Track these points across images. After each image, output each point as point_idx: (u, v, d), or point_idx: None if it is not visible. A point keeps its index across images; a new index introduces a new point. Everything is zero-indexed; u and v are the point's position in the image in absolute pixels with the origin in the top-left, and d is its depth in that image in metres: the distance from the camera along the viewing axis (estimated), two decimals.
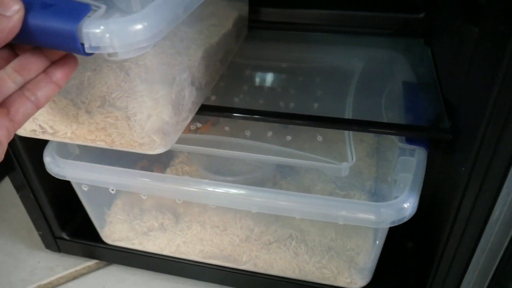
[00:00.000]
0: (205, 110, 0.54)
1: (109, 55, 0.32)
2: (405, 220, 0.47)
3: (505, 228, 0.38)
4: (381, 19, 0.73)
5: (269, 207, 0.50)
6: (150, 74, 0.41)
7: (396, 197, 0.48)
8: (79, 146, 0.60)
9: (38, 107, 0.33)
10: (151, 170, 0.68)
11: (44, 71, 0.33)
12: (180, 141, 0.58)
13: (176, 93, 0.45)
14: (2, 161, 0.32)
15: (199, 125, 0.62)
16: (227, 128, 0.60)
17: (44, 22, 0.30)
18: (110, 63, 0.41)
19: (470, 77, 0.45)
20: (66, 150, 0.59)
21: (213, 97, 0.61)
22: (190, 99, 0.49)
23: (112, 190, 0.56)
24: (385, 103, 0.59)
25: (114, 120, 0.44)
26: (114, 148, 0.46)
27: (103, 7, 0.32)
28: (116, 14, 0.33)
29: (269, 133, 0.58)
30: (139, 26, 0.32)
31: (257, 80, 0.66)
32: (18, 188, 0.64)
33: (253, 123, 0.58)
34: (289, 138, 0.58)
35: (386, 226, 0.49)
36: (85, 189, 0.59)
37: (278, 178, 0.68)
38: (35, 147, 0.58)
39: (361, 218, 0.48)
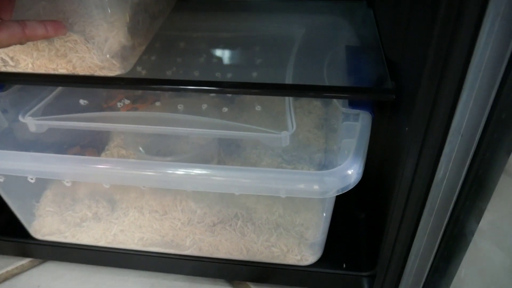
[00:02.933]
0: (133, 83, 0.49)
1: None
2: (350, 187, 0.44)
3: (451, 188, 0.36)
4: None
5: (206, 184, 0.46)
6: None
7: (340, 164, 0.45)
8: None
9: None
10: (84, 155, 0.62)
11: None
12: (112, 120, 0.53)
13: (130, 17, 0.48)
14: None
15: (127, 102, 0.56)
16: (157, 104, 0.55)
17: None
18: None
19: (408, 36, 0.42)
20: None
21: (143, 72, 0.55)
22: (144, 25, 0.53)
23: (31, 178, 0.50)
24: (328, 69, 0.56)
25: (74, 44, 0.46)
26: (76, 73, 0.47)
27: None
28: None
29: (204, 106, 0.54)
30: None
31: (191, 52, 0.61)
32: None
33: (186, 97, 0.54)
34: (225, 110, 0.54)
35: (332, 195, 0.45)
36: (1, 180, 0.52)
37: (222, 155, 0.64)
38: None
39: (304, 189, 0.44)
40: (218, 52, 0.62)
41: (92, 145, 0.67)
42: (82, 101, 0.55)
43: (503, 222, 0.32)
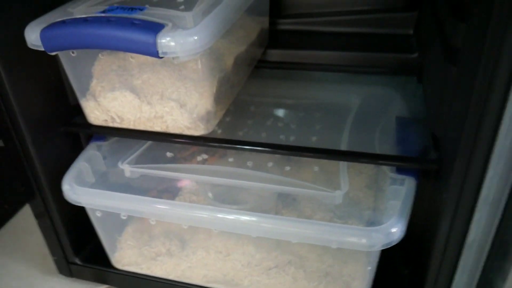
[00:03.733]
0: (212, 142, 0.59)
1: (174, 58, 0.49)
2: (394, 243, 0.51)
3: (481, 249, 0.41)
4: (378, 58, 0.78)
5: (268, 231, 0.54)
6: (197, 74, 0.55)
7: (386, 223, 0.51)
8: (94, 175, 0.65)
9: None
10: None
11: None
12: (187, 171, 0.63)
13: (216, 88, 0.58)
14: (23, 190, 0.40)
15: (205, 156, 0.66)
16: (231, 160, 0.64)
17: (131, 34, 0.47)
18: (167, 67, 0.55)
19: (451, 113, 0.49)
20: (82, 179, 0.64)
21: (219, 131, 0.66)
22: (226, 94, 0.63)
23: (124, 216, 0.61)
24: (379, 137, 0.63)
25: (170, 109, 0.57)
26: (168, 131, 0.59)
27: (170, 24, 0.49)
28: (179, 29, 0.49)
29: (270, 164, 0.62)
30: (194, 38, 0.48)
31: (261, 115, 0.71)
32: (37, 216, 0.69)
33: (255, 155, 0.63)
34: (288, 168, 0.63)
35: (377, 249, 0.52)
36: (99, 215, 0.63)
37: (280, 207, 0.72)
38: (54, 176, 0.63)
39: (353, 242, 0.51)
40: (283, 117, 0.71)
41: (168, 190, 0.77)
42: (168, 153, 0.66)
43: None
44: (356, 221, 0.67)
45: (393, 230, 0.51)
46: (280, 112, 0.72)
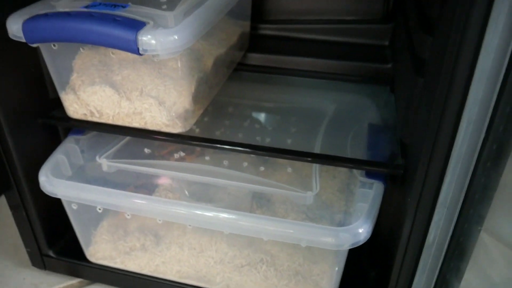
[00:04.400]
0: (189, 140, 0.60)
1: (153, 56, 0.50)
2: (360, 243, 0.53)
3: (439, 250, 0.44)
4: (353, 67, 0.81)
5: (241, 228, 0.55)
6: (176, 73, 0.56)
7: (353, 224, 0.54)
8: (72, 168, 0.66)
9: None
10: None
11: None
12: (164, 167, 0.65)
13: (195, 88, 0.59)
14: None
15: (182, 154, 0.67)
16: (207, 158, 0.66)
17: (113, 30, 0.48)
18: (147, 64, 0.57)
19: (417, 121, 0.52)
20: (59, 171, 0.64)
21: (197, 130, 0.67)
22: (204, 94, 0.65)
23: (99, 209, 0.62)
24: (351, 141, 0.66)
25: (149, 106, 0.58)
26: (146, 128, 0.60)
27: (151, 23, 0.50)
28: (160, 28, 0.50)
29: (245, 164, 0.64)
30: (174, 37, 0.49)
31: (238, 116, 0.73)
32: (12, 207, 0.69)
33: (231, 154, 0.65)
34: (262, 169, 0.64)
35: (344, 248, 0.54)
36: (75, 207, 0.64)
37: (254, 207, 0.74)
38: (30, 168, 0.64)
39: (322, 241, 0.53)
40: (260, 119, 0.73)
41: (144, 186, 0.78)
42: (146, 150, 0.67)
43: (477, 281, 0.39)
44: (327, 223, 0.69)
45: (360, 230, 0.53)
46: (257, 114, 0.74)
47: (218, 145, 0.60)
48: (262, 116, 0.74)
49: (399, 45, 0.75)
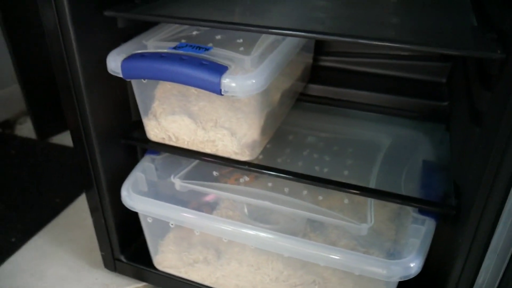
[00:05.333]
0: (254, 167, 0.67)
1: (232, 96, 0.57)
2: (411, 277, 0.57)
3: None
4: (410, 103, 0.85)
5: (299, 253, 0.61)
6: (248, 107, 0.63)
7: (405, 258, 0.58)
8: (147, 184, 0.74)
9: None
10: (201, 211, 0.79)
11: None
12: (230, 190, 0.71)
13: (264, 121, 0.66)
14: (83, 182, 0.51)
15: (247, 179, 0.74)
16: (270, 184, 0.72)
17: (201, 74, 0.55)
18: (222, 98, 0.62)
19: (472, 167, 0.55)
20: (137, 187, 0.72)
21: (260, 156, 0.73)
22: (270, 125, 0.71)
23: (172, 224, 0.69)
24: (405, 177, 0.70)
25: (222, 136, 0.65)
26: (217, 154, 0.67)
27: (233, 66, 0.57)
28: (240, 72, 0.57)
29: (304, 192, 0.70)
30: (252, 81, 0.56)
31: (298, 145, 0.78)
32: (92, 210, 0.78)
33: (292, 182, 0.70)
34: (320, 198, 0.70)
35: (395, 280, 0.58)
36: (150, 221, 0.71)
37: (308, 230, 0.79)
38: (111, 179, 0.72)
39: (374, 271, 0.58)
40: (319, 149, 0.78)
41: (208, 204, 0.85)
42: (214, 173, 0.74)
43: None
44: (377, 251, 0.73)
45: (412, 265, 0.57)
46: (316, 144, 0.79)
47: (280, 174, 0.65)
48: (320, 146, 0.79)
49: (456, 85, 0.78)
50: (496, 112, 0.47)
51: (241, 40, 0.66)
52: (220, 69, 0.56)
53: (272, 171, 0.66)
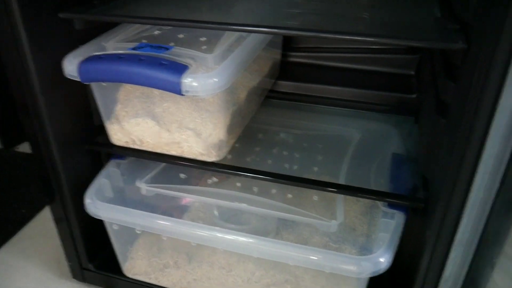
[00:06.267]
0: (221, 168, 0.65)
1: (194, 96, 0.55)
2: (381, 272, 0.56)
3: (455, 286, 0.47)
4: (379, 96, 0.85)
5: (269, 254, 0.60)
6: (213, 106, 0.61)
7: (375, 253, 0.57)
8: (113, 190, 0.71)
9: None
10: (171, 214, 0.78)
11: None
12: (198, 193, 0.69)
13: (229, 120, 0.64)
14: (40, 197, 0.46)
15: (216, 180, 0.72)
16: (238, 184, 0.70)
17: (160, 74, 0.53)
18: (186, 98, 0.60)
19: (438, 159, 0.55)
20: (102, 194, 0.70)
21: (229, 156, 0.72)
22: (237, 124, 0.69)
23: (138, 230, 0.67)
24: (375, 171, 0.69)
25: (187, 137, 0.63)
26: (183, 156, 0.65)
27: (193, 65, 0.55)
28: (201, 71, 0.55)
29: (274, 191, 0.69)
30: (214, 80, 0.54)
31: (268, 143, 0.77)
32: (57, 220, 0.75)
33: (260, 181, 0.69)
34: (290, 196, 0.69)
35: (365, 276, 0.58)
36: (116, 228, 0.69)
37: (280, 228, 0.78)
38: (75, 187, 0.69)
39: (344, 269, 0.57)
40: (289, 146, 0.77)
41: (178, 207, 0.83)
42: (181, 175, 0.72)
43: None
44: (350, 247, 0.73)
45: (381, 259, 0.57)
46: (286, 141, 0.78)
47: (249, 174, 0.64)
48: (290, 143, 0.78)
49: (424, 77, 0.78)
50: (459, 103, 0.47)
51: (204, 39, 0.64)
52: (180, 69, 0.54)
53: (240, 171, 0.65)
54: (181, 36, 0.65)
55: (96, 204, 0.66)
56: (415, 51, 0.86)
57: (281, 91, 0.88)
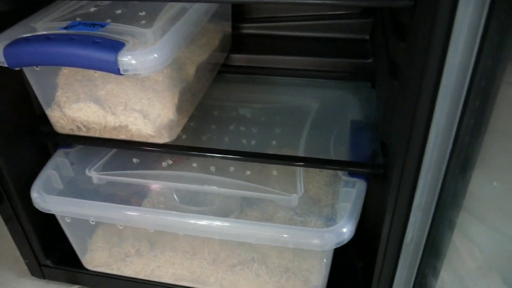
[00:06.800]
0: (175, 149, 0.62)
1: (135, 74, 0.51)
2: (345, 242, 0.55)
3: (417, 249, 0.46)
4: (335, 63, 0.82)
5: (229, 235, 0.58)
6: (159, 85, 0.57)
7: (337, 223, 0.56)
8: (62, 181, 0.67)
9: None
10: (129, 202, 0.74)
11: None
12: (153, 177, 0.66)
13: (178, 98, 0.60)
14: None
15: (170, 162, 0.69)
16: (194, 165, 0.67)
17: (93, 53, 0.49)
18: (130, 78, 0.57)
19: (393, 123, 0.53)
20: (51, 186, 0.66)
21: (183, 136, 0.69)
22: (188, 103, 0.65)
23: (92, 221, 0.63)
24: (334, 140, 0.68)
25: (134, 119, 0.59)
26: (133, 139, 0.61)
27: (131, 42, 0.51)
28: (140, 47, 0.51)
29: (232, 168, 0.66)
30: (154, 56, 0.51)
31: (224, 120, 0.74)
32: (6, 220, 0.71)
33: (218, 159, 0.66)
34: (248, 172, 0.66)
35: (329, 248, 0.56)
36: (68, 221, 0.66)
37: (244, 206, 0.76)
38: (22, 182, 0.65)
39: (308, 243, 0.56)
40: (245, 121, 0.75)
41: (136, 193, 0.80)
42: (134, 160, 0.68)
43: (450, 280, 0.42)
44: (315, 219, 0.71)
45: (344, 230, 0.55)
46: (242, 117, 0.75)
47: (204, 153, 0.61)
48: (247, 118, 0.75)
49: (378, 41, 0.76)
50: (409, 63, 0.45)
51: (144, 13, 0.60)
52: (116, 46, 0.50)
53: (196, 151, 0.62)
54: (118, 12, 0.60)
55: (44, 197, 0.62)
56: (368, 15, 0.83)
57: (235, 65, 0.85)
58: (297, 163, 0.60)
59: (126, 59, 0.50)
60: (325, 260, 0.63)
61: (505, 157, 0.35)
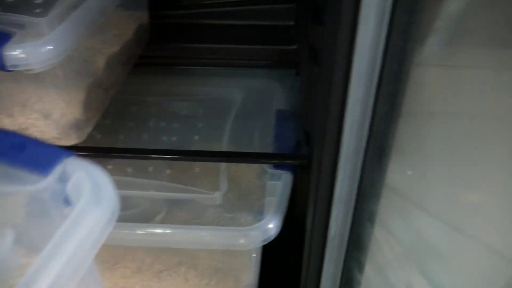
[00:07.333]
0: (86, 151, 0.56)
1: (27, 70, 0.45)
2: (272, 239, 0.53)
3: (341, 243, 0.44)
4: (260, 51, 0.79)
5: (148, 241, 0.53)
6: (61, 81, 0.51)
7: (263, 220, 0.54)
8: None
9: None
10: None
11: None
12: None
13: (86, 95, 0.55)
14: None
15: None
16: (109, 167, 0.62)
17: None
18: (26, 75, 0.49)
19: (315, 111, 0.51)
20: None
21: (98, 136, 0.63)
22: (98, 99, 0.60)
23: None
24: (259, 132, 0.65)
25: (34, 121, 0.53)
26: None
27: (20, 33, 0.45)
28: (31, 39, 0.45)
29: (150, 168, 0.61)
30: (48, 47, 0.44)
31: (142, 116, 0.69)
32: None
33: (134, 160, 0.61)
34: (168, 172, 0.62)
35: (256, 246, 0.54)
36: None
37: (171, 207, 0.71)
38: None
39: (232, 243, 0.53)
40: (166, 116, 0.70)
41: None
42: None
43: (373, 274, 0.40)
44: (245, 214, 0.69)
45: (270, 226, 0.53)
46: (163, 111, 0.71)
47: (117, 154, 0.56)
48: (168, 113, 0.71)
49: (301, 27, 0.74)
50: (322, 46, 0.43)
51: (39, 1, 0.53)
52: (0, 38, 0.44)
53: (106, 152, 0.57)
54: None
55: None
56: (291, 0, 0.81)
57: (153, 56, 0.79)
58: (217, 158, 0.57)
59: (14, 53, 0.44)
60: (254, 256, 0.60)
61: (417, 145, 0.34)
